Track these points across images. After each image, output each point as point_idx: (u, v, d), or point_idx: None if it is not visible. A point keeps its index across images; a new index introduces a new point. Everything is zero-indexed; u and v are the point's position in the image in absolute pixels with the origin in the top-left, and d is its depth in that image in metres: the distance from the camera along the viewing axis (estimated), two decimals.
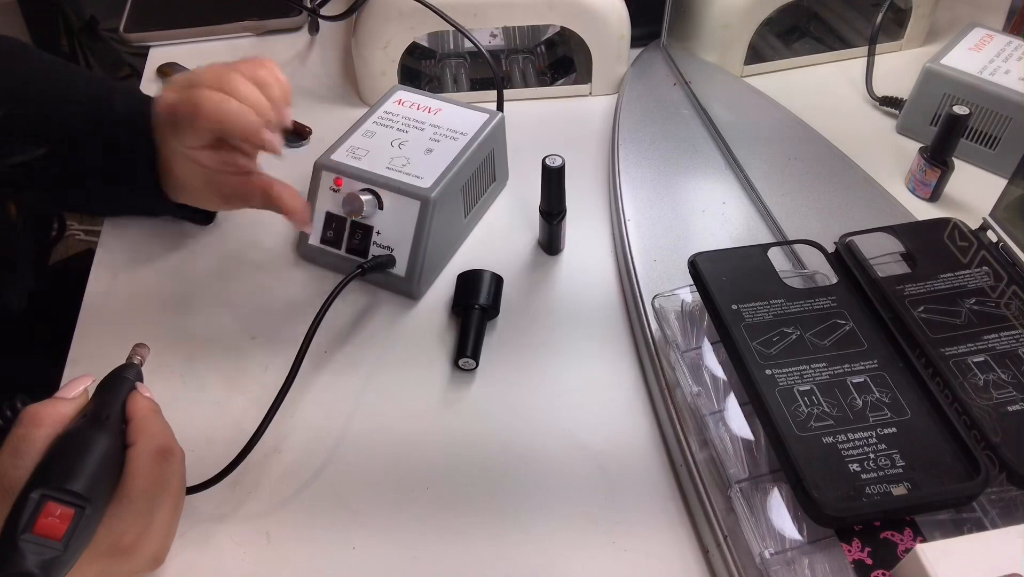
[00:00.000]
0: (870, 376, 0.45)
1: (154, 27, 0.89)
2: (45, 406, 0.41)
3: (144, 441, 0.42)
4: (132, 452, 0.41)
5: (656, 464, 0.51)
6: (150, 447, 0.42)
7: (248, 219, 0.67)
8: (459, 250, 0.65)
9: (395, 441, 0.52)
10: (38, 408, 0.41)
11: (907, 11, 0.78)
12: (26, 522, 0.36)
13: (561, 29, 0.79)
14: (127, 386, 0.44)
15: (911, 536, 0.40)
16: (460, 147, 0.62)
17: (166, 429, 0.44)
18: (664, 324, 0.53)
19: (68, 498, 0.37)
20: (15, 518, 0.36)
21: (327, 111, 0.79)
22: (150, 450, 0.42)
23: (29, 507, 0.36)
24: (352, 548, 0.47)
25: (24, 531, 0.36)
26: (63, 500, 0.37)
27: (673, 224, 0.63)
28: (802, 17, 0.84)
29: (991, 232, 0.53)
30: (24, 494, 0.37)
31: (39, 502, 0.37)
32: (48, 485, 0.37)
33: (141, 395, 0.44)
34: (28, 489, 0.37)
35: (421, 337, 0.58)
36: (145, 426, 0.43)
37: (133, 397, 0.44)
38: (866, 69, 0.75)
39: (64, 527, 0.37)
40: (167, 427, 0.44)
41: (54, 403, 0.41)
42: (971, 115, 0.60)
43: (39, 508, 0.37)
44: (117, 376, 0.45)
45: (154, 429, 0.43)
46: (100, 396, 0.43)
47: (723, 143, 0.71)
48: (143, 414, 0.43)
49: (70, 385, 0.43)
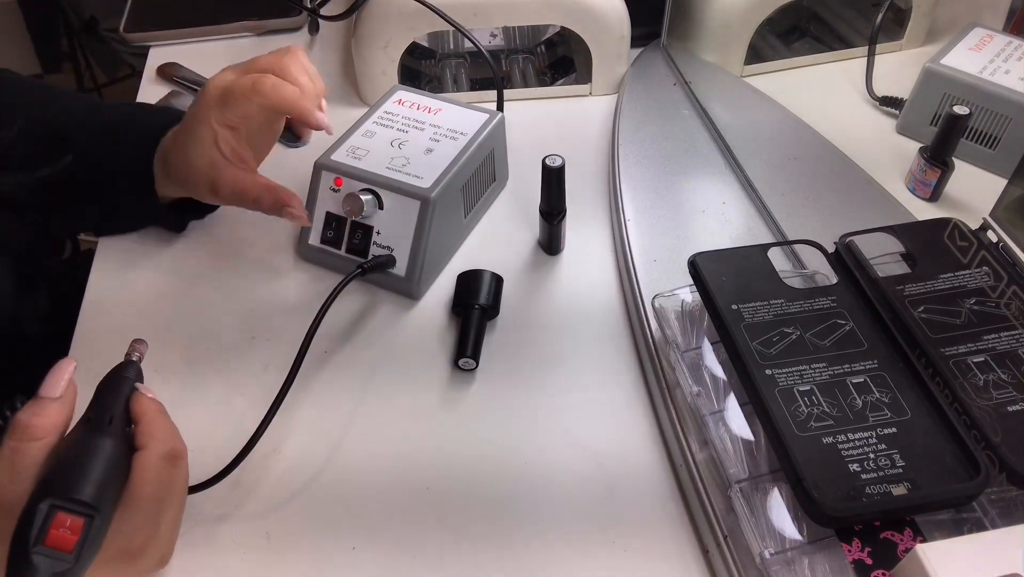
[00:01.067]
0: (870, 376, 0.45)
1: (154, 27, 0.89)
2: (35, 416, 0.39)
3: (154, 445, 0.41)
4: (141, 457, 0.41)
5: (656, 464, 0.51)
6: (160, 451, 0.41)
7: (248, 219, 0.67)
8: (459, 250, 0.65)
9: (395, 441, 0.52)
10: (29, 419, 0.39)
11: (907, 11, 0.78)
12: (36, 535, 0.36)
13: (561, 29, 0.79)
14: (127, 385, 0.44)
15: (911, 536, 0.40)
16: (460, 147, 0.62)
17: (174, 431, 0.44)
18: (664, 324, 0.53)
19: (77, 508, 0.37)
20: (25, 531, 0.36)
21: (327, 111, 0.79)
22: (160, 455, 0.41)
23: (38, 519, 0.36)
24: (352, 548, 0.47)
25: (35, 544, 0.35)
26: (72, 510, 0.36)
27: (673, 224, 0.63)
28: (802, 17, 0.84)
29: (991, 232, 0.53)
30: (32, 505, 0.36)
31: (48, 513, 0.36)
32: (56, 495, 0.37)
33: (145, 396, 0.44)
34: (35, 500, 0.36)
35: (421, 337, 0.58)
36: (154, 429, 0.42)
37: (138, 398, 0.43)
38: (866, 69, 0.75)
39: (75, 539, 0.36)
40: (174, 428, 0.44)
41: (42, 409, 0.39)
42: (971, 115, 0.60)
43: (48, 520, 0.36)
44: (117, 375, 0.44)
45: (163, 432, 0.42)
46: (101, 397, 0.43)
47: (723, 143, 0.71)
48: (150, 416, 0.43)
49: (52, 379, 0.40)
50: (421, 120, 0.64)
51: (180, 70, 0.84)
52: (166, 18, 0.90)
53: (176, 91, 0.80)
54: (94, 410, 0.42)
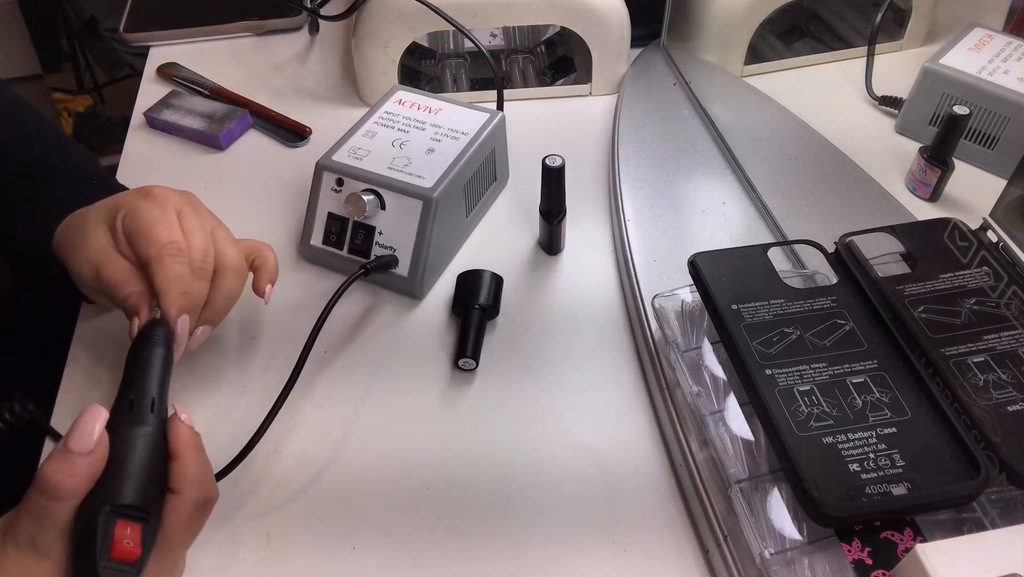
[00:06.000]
0: (870, 376, 0.45)
1: (154, 27, 0.89)
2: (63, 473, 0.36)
3: (189, 492, 0.40)
4: (175, 503, 0.39)
5: (656, 464, 0.51)
6: (194, 498, 0.40)
7: (248, 219, 0.67)
8: (460, 250, 0.65)
9: (395, 441, 0.52)
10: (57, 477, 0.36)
11: (907, 11, 0.78)
12: (101, 547, 0.35)
13: (561, 29, 0.79)
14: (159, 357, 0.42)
15: (911, 536, 0.40)
16: (461, 147, 0.62)
17: (208, 473, 0.42)
18: (664, 324, 0.53)
19: (133, 513, 0.36)
20: (90, 544, 0.35)
21: (327, 111, 0.79)
22: (194, 501, 0.40)
23: (100, 530, 0.35)
24: (352, 548, 0.47)
25: (102, 558, 0.35)
26: (130, 516, 0.36)
27: (673, 224, 0.64)
28: (802, 17, 0.84)
29: (991, 232, 0.53)
30: (91, 515, 0.36)
31: (108, 523, 0.35)
32: (111, 500, 0.36)
33: (183, 425, 0.41)
34: (92, 509, 0.36)
35: (421, 337, 0.58)
36: (189, 473, 0.40)
37: (176, 429, 0.41)
38: (866, 69, 0.75)
39: (138, 550, 0.36)
40: (209, 470, 0.42)
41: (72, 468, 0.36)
42: (971, 115, 0.60)
43: (109, 530, 0.35)
44: (148, 344, 0.42)
45: (198, 476, 0.41)
46: (137, 373, 0.41)
47: (723, 143, 0.71)
48: (187, 457, 0.40)
49: (81, 430, 0.37)
50: (422, 120, 0.64)
51: (180, 70, 0.84)
52: (166, 18, 0.90)
53: (176, 91, 0.80)
54: (134, 391, 0.40)
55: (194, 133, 0.75)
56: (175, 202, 0.50)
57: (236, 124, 0.75)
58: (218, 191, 0.70)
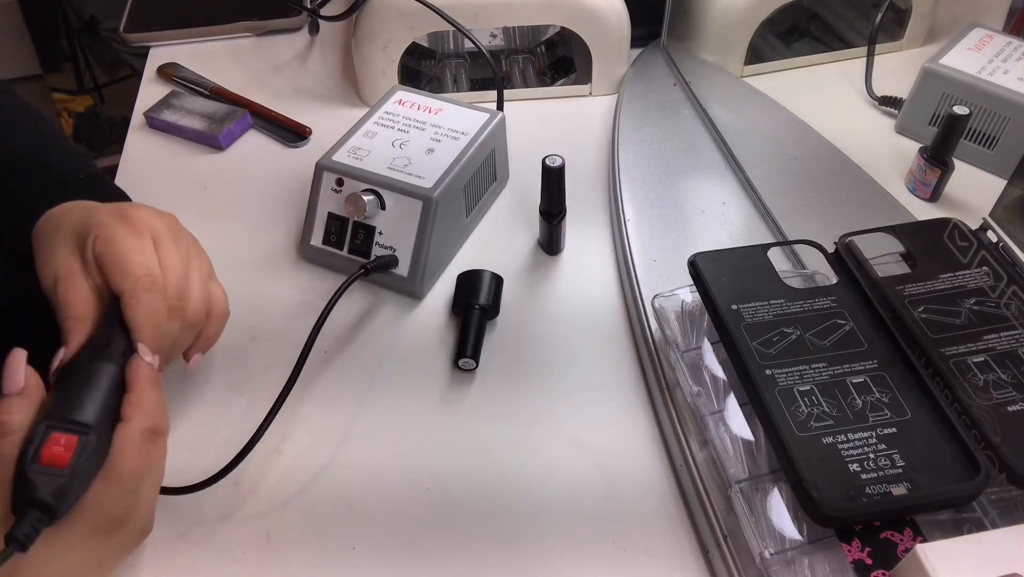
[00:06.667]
0: (870, 376, 0.45)
1: (154, 27, 0.89)
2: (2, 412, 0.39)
3: (137, 419, 0.41)
4: (123, 429, 0.41)
5: (656, 464, 0.51)
6: (142, 426, 0.41)
7: (248, 220, 0.67)
8: (460, 250, 0.65)
9: (395, 441, 0.52)
10: None
11: (907, 11, 0.78)
12: (33, 454, 0.37)
13: (561, 29, 0.79)
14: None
15: (911, 536, 0.40)
16: (461, 147, 0.62)
17: (160, 404, 0.43)
18: (664, 324, 0.53)
19: (71, 427, 0.38)
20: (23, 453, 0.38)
21: (327, 111, 0.79)
22: (142, 429, 0.41)
23: (35, 439, 0.38)
24: (352, 548, 0.47)
25: (32, 463, 0.37)
26: (67, 429, 0.38)
27: (673, 224, 0.64)
28: (802, 17, 0.84)
29: (991, 232, 0.53)
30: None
31: (44, 434, 0.38)
32: (51, 417, 0.39)
33: (143, 361, 0.43)
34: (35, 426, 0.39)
35: (421, 337, 0.58)
36: (141, 401, 0.42)
37: (135, 363, 0.43)
38: (866, 69, 0.75)
39: (68, 455, 0.38)
40: (162, 402, 0.43)
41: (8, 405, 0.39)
42: (971, 115, 0.60)
43: (44, 439, 0.38)
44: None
45: (149, 406, 0.42)
46: (107, 323, 0.43)
47: (723, 143, 0.71)
48: (140, 387, 0.42)
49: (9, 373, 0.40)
50: (422, 120, 0.64)
51: (180, 70, 0.84)
52: (166, 18, 0.90)
53: (176, 91, 0.80)
54: (99, 334, 0.43)
55: (194, 133, 0.75)
56: (153, 227, 0.47)
57: (236, 124, 0.75)
58: (218, 191, 0.70)
